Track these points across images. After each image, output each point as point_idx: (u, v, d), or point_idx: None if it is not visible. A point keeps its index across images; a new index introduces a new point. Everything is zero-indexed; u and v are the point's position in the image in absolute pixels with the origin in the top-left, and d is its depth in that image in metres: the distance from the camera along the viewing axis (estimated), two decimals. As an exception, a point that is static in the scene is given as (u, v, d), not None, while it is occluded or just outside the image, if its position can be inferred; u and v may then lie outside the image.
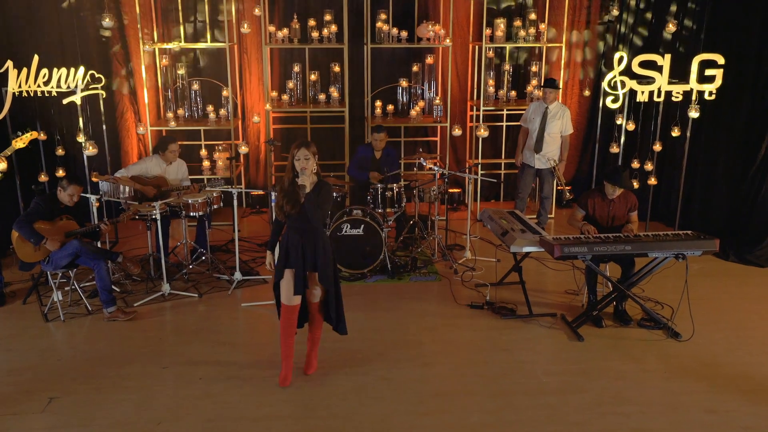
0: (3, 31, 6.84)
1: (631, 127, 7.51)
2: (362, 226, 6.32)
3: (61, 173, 6.73)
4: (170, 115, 7.93)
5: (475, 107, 8.31)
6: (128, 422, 4.07)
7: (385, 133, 7.05)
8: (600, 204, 5.62)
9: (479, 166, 8.08)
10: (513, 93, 8.42)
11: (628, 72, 7.17)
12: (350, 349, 5.00)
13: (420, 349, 5.04)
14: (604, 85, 7.37)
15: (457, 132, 7.51)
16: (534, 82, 8.26)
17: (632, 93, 7.27)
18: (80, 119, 6.75)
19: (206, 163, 7.98)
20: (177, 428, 4.03)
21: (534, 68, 8.40)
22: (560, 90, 7.69)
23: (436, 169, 6.73)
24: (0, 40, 6.79)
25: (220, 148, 7.89)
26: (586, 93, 8.40)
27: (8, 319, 5.51)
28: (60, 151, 6.86)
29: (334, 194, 6.63)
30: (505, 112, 8.55)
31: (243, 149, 7.37)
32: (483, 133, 7.46)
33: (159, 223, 5.82)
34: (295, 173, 4.18)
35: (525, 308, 5.61)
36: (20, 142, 5.58)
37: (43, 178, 6.76)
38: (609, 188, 5.53)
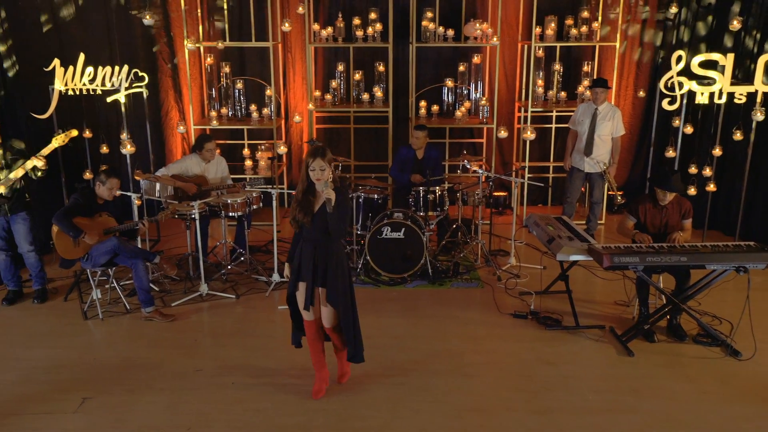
0: (53, 30, 6.93)
1: (689, 130, 7.12)
2: (403, 229, 6.15)
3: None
4: (213, 114, 7.91)
5: (523, 108, 8.05)
6: (157, 426, 4.01)
7: (426, 132, 6.88)
8: (652, 211, 5.31)
9: (526, 169, 7.81)
10: (563, 94, 8.12)
11: (686, 72, 6.79)
12: (387, 358, 4.83)
13: (460, 360, 4.84)
14: (661, 85, 7.01)
15: (503, 134, 7.26)
16: (585, 82, 7.95)
17: (691, 94, 6.90)
18: (124, 117, 6.77)
19: (248, 163, 7.94)
20: (206, 435, 3.95)
21: (586, 68, 8.09)
22: (611, 90, 7.37)
23: (480, 171, 6.51)
24: (50, 38, 6.88)
25: (262, 147, 7.84)
26: (641, 94, 8.04)
27: (49, 316, 5.55)
28: (104, 149, 6.90)
29: (375, 196, 6.51)
30: (554, 114, 8.26)
31: (281, 149, 7.30)
32: (530, 135, 7.18)
33: (197, 222, 5.78)
34: (309, 183, 3.97)
35: (571, 319, 5.35)
36: (59, 141, 5.60)
37: (87, 175, 6.83)
38: (660, 194, 5.22)
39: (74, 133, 5.76)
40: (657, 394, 4.38)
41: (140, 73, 6.61)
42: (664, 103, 7.02)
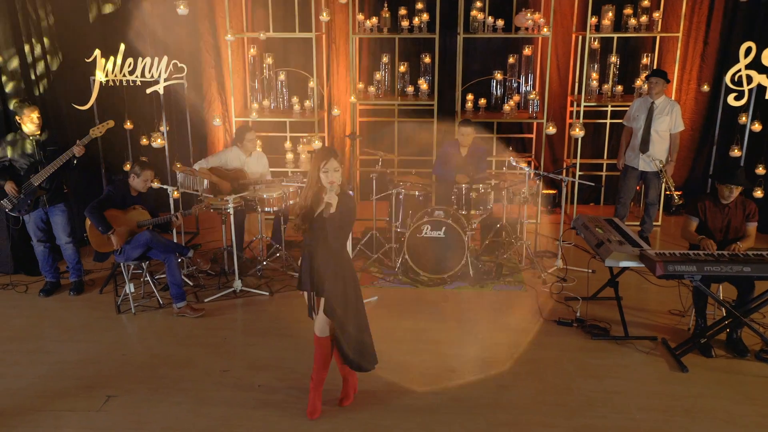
0: (97, 20, 6.95)
1: (757, 127, 6.61)
2: (443, 228, 5.90)
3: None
4: (255, 106, 7.81)
5: (575, 103, 7.65)
6: (179, 429, 3.89)
7: (473, 128, 6.58)
8: (713, 210, 4.92)
9: (577, 166, 7.42)
10: (619, 88, 7.68)
11: (756, 65, 6.28)
12: (421, 365, 4.61)
13: (497, 369, 4.57)
14: (727, 79, 6.52)
15: (551, 130, 6.88)
16: (644, 75, 7.49)
17: (760, 89, 6.39)
18: (162, 109, 6.71)
19: (289, 156, 7.81)
20: (227, 440, 3.82)
21: (645, 60, 7.63)
22: (670, 84, 6.89)
23: (525, 169, 6.19)
24: (93, 29, 6.90)
25: (303, 140, 7.69)
26: (705, 88, 7.52)
27: (83, 308, 5.54)
28: (144, 141, 6.88)
29: (416, 193, 6.27)
30: (609, 109, 7.83)
31: (316, 144, 7.13)
32: (578, 132, 6.75)
33: (232, 217, 5.67)
34: (318, 188, 3.71)
35: (620, 328, 5.01)
36: (97, 132, 5.57)
37: (127, 167, 6.81)
38: (725, 191, 4.82)
39: (111, 124, 5.71)
40: (712, 416, 4.02)
41: (179, 64, 6.52)
42: (730, 99, 6.54)
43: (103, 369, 4.56)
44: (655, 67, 7.46)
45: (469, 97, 7.74)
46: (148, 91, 6.47)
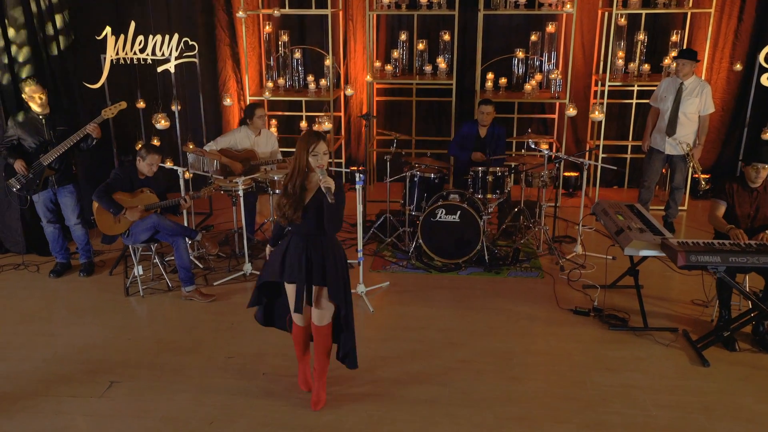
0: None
1: (791, 109, 6.31)
2: (458, 212, 5.73)
3: (156, 142, 6.68)
4: (270, 84, 7.66)
5: (600, 82, 7.36)
6: (180, 418, 3.82)
7: (493, 107, 6.39)
8: (741, 193, 4.70)
9: (600, 148, 7.17)
10: (646, 66, 7.36)
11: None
12: (430, 354, 4.49)
13: (509, 360, 4.42)
14: (761, 58, 6.21)
15: (572, 112, 6.60)
16: (673, 53, 7.17)
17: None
18: (173, 87, 6.59)
19: (304, 136, 7.66)
20: (228, 431, 3.73)
21: (674, 38, 7.30)
22: (700, 63, 6.57)
23: (545, 152, 5.97)
24: (106, 6, 6.80)
25: (319, 120, 7.54)
26: (737, 67, 7.18)
27: (92, 290, 5.50)
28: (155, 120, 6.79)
29: (432, 175, 6.10)
30: (635, 88, 7.54)
31: (326, 125, 6.95)
32: (598, 116, 6.44)
33: (242, 198, 5.57)
34: (308, 172, 3.54)
35: (639, 319, 4.82)
36: (109, 113, 5.48)
37: (139, 146, 6.73)
38: (751, 172, 4.61)
39: (123, 105, 5.63)
40: (733, 415, 3.84)
41: (190, 42, 6.37)
42: (764, 78, 6.26)
43: (108, 353, 4.51)
44: (685, 45, 7.15)
45: (490, 76, 7.52)
46: (159, 69, 6.36)
